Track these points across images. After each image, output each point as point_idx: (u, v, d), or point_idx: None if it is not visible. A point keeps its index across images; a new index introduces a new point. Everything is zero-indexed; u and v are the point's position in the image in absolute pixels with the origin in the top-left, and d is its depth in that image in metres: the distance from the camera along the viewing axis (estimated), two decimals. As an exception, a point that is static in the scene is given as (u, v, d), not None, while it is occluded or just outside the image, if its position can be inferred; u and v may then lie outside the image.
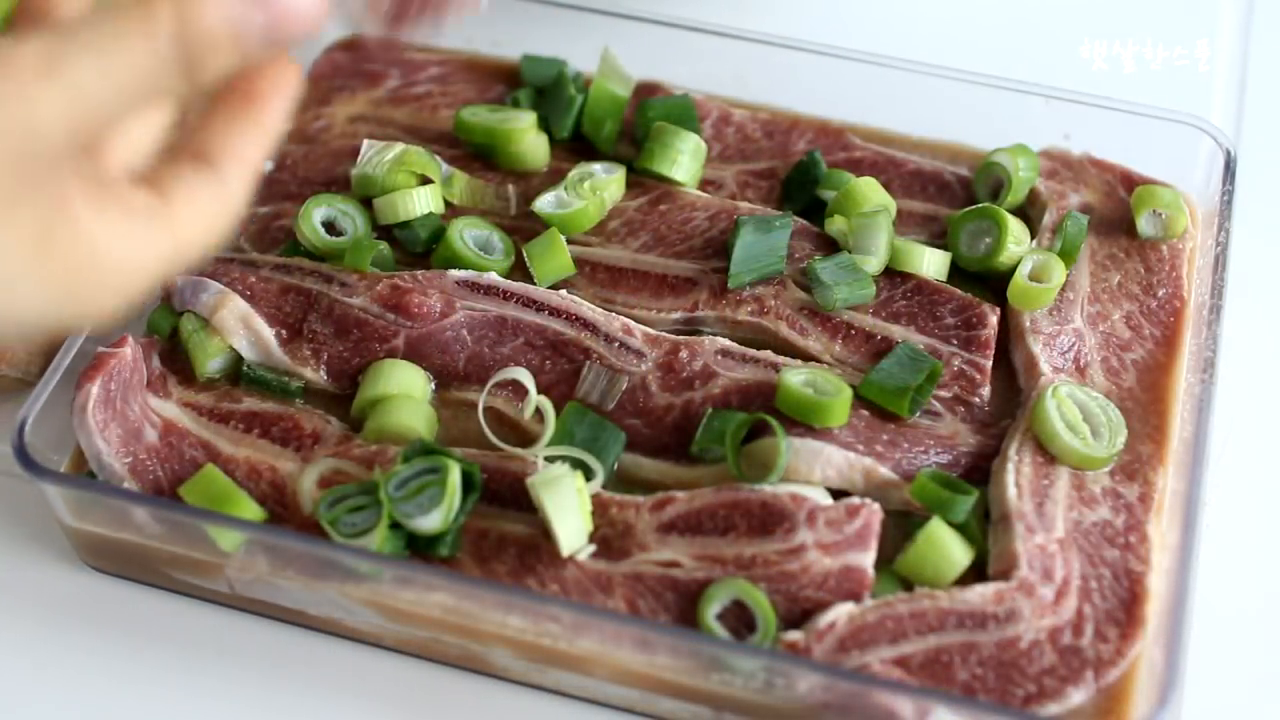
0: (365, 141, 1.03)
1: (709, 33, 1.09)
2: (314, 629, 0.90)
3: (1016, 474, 0.89)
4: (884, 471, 0.89)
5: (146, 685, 0.89)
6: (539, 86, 1.11)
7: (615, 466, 0.92)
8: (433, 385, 0.95)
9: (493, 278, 0.97)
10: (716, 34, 1.09)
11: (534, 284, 0.98)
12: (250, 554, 0.86)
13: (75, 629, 0.91)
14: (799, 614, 0.84)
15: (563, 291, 0.97)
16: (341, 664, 0.89)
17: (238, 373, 0.96)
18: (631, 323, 0.96)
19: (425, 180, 1.02)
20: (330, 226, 1.01)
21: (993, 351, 0.95)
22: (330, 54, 1.16)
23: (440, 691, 0.88)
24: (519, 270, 1.00)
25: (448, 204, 1.03)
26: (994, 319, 0.96)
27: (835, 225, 1.00)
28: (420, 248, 1.01)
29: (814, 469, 0.88)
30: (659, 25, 1.10)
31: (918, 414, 0.93)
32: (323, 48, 1.16)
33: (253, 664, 0.89)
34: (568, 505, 0.85)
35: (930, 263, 0.98)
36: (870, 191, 1.00)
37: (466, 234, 1.00)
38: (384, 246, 1.00)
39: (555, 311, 0.96)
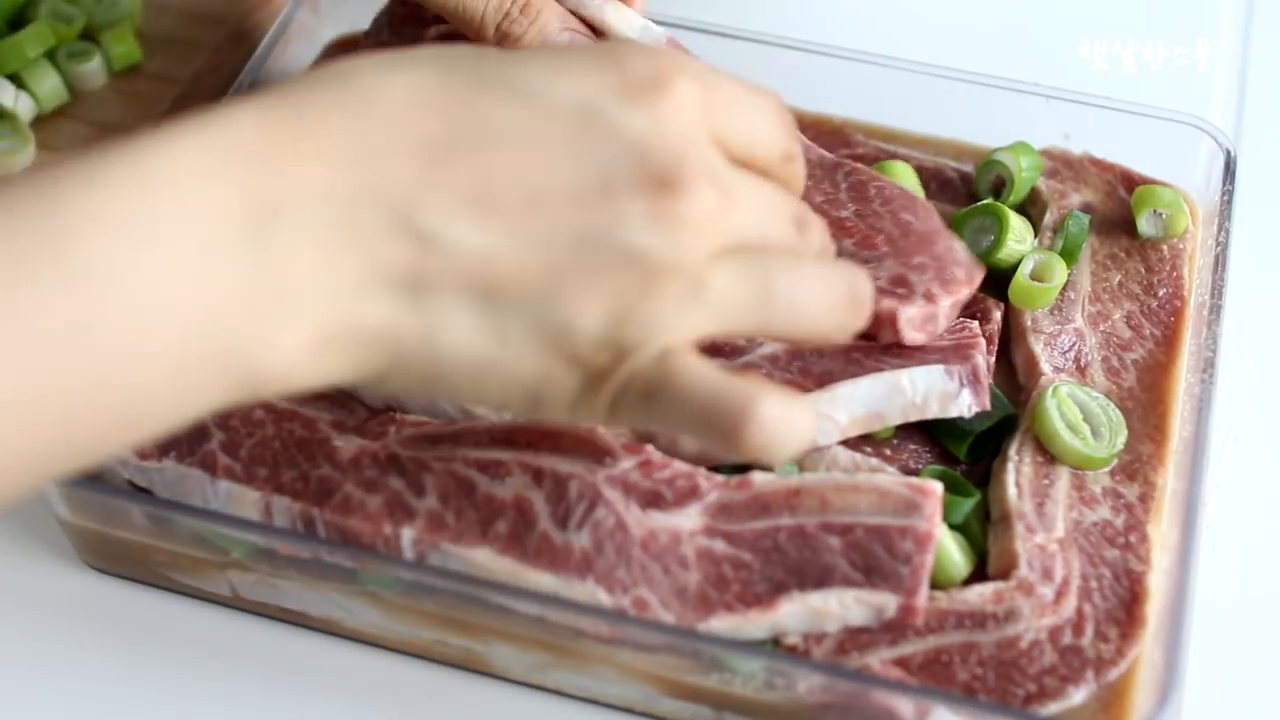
0: None
1: (709, 33, 1.09)
2: (315, 630, 0.90)
3: (1017, 474, 0.89)
4: (891, 471, 0.89)
5: (146, 686, 0.89)
6: (539, 86, 1.11)
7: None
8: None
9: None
10: (717, 34, 1.09)
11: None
12: (257, 558, 0.86)
13: (75, 629, 0.91)
14: None
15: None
16: (343, 665, 0.89)
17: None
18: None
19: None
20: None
21: (996, 347, 0.95)
22: (330, 53, 1.15)
23: (441, 692, 0.88)
24: (520, 269, 0.99)
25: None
26: (998, 314, 0.96)
27: None
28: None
29: (819, 467, 0.88)
30: (659, 25, 1.09)
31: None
32: (322, 46, 1.15)
33: (253, 665, 0.89)
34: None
35: None
36: (903, 175, 1.01)
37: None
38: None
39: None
